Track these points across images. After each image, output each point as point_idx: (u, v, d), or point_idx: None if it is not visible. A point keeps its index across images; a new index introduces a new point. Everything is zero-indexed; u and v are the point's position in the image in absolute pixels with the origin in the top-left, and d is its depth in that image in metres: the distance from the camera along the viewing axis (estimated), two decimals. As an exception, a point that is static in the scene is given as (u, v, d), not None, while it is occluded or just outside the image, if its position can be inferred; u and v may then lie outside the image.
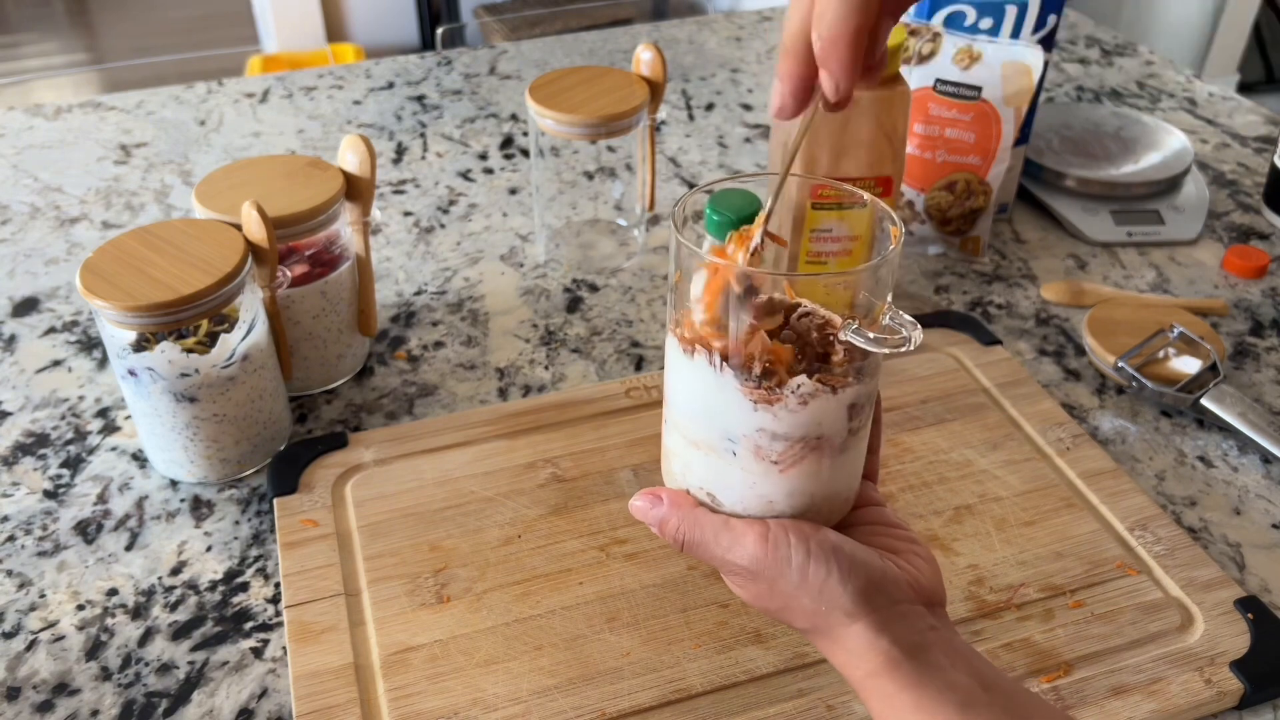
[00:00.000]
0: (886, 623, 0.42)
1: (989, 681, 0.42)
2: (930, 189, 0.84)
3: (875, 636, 0.42)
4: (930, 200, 0.85)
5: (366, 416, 0.72)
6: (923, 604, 0.43)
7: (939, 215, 0.85)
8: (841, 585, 0.42)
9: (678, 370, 0.44)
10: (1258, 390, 0.74)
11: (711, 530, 0.44)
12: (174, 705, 0.53)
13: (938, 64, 0.81)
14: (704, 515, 0.44)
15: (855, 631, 0.42)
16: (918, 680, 0.41)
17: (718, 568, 0.45)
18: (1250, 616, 0.56)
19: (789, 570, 0.42)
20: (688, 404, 0.44)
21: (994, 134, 0.81)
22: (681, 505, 0.45)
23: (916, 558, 0.45)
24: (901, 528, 0.47)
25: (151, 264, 0.60)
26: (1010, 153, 0.82)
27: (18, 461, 0.68)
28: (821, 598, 0.42)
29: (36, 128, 1.09)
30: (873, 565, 0.43)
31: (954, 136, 0.83)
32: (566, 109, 0.78)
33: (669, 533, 0.45)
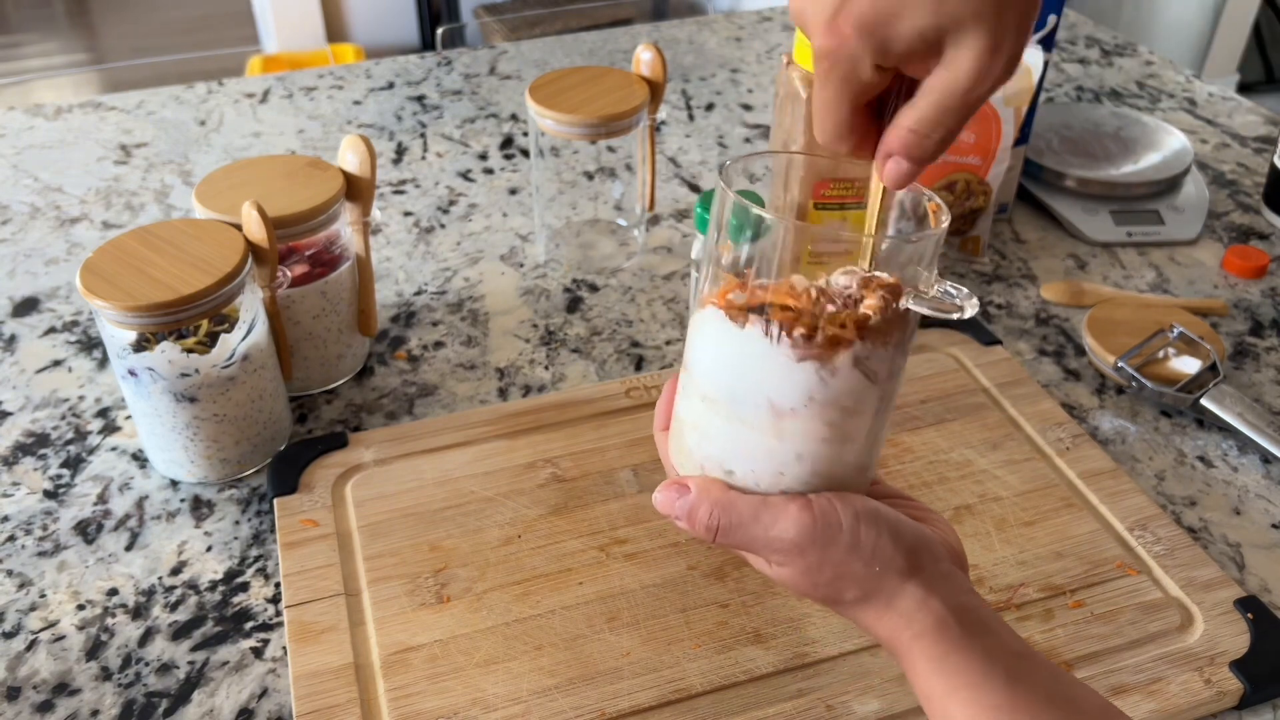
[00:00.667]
0: (934, 582, 0.42)
1: (1026, 650, 0.42)
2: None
3: (926, 596, 0.41)
4: (932, 202, 0.84)
5: (366, 416, 0.72)
6: (957, 566, 0.44)
7: None
8: (894, 545, 0.41)
9: (718, 341, 0.43)
10: (1257, 390, 0.74)
11: (750, 511, 0.42)
12: (174, 705, 0.54)
13: None
14: (738, 497, 0.43)
15: (908, 591, 0.41)
16: (965, 642, 0.40)
17: (756, 551, 0.43)
18: (1250, 616, 0.56)
19: (841, 535, 0.41)
20: (724, 374, 0.43)
21: (994, 134, 0.81)
22: (711, 490, 0.43)
23: (938, 522, 0.45)
24: (911, 499, 0.47)
25: (152, 264, 0.60)
26: (1010, 153, 0.82)
27: (18, 461, 0.68)
28: (876, 558, 0.41)
29: (37, 128, 1.09)
30: (912, 526, 0.43)
31: None
32: (566, 109, 0.78)
33: (700, 520, 0.43)
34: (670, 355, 0.77)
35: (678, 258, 0.88)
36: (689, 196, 0.97)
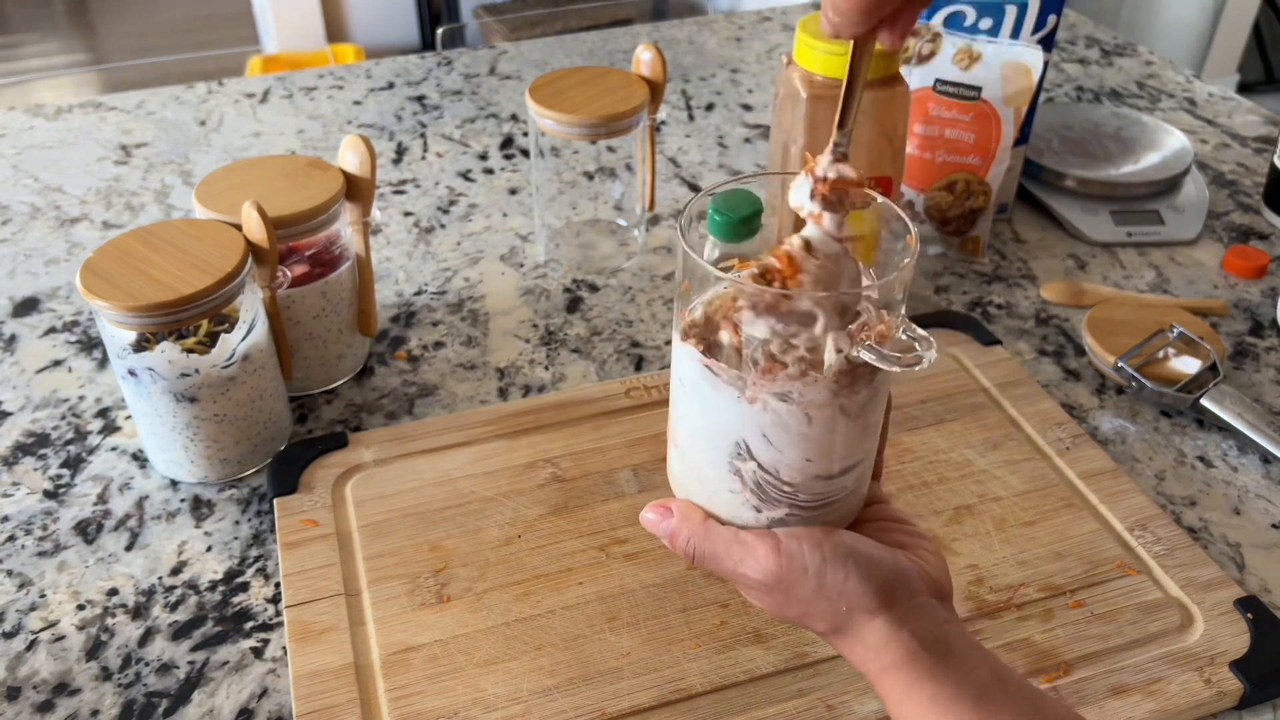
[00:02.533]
0: (906, 616, 0.42)
1: (1002, 675, 0.42)
2: (930, 189, 0.84)
3: (895, 630, 0.42)
4: (930, 200, 0.85)
5: (366, 416, 0.72)
6: (935, 597, 0.44)
7: (939, 215, 0.85)
8: (862, 585, 0.42)
9: (689, 378, 0.43)
10: (1257, 390, 0.74)
11: (723, 544, 0.43)
12: (174, 705, 0.54)
13: (937, 64, 0.82)
14: (714, 528, 0.44)
15: (876, 626, 0.42)
16: (936, 672, 0.41)
17: (728, 580, 0.45)
18: (1250, 616, 0.56)
19: (805, 579, 0.42)
20: (695, 408, 0.43)
21: (994, 134, 0.82)
22: (691, 518, 0.45)
23: (926, 551, 0.45)
24: (908, 522, 0.47)
25: (152, 264, 0.60)
26: (1010, 153, 0.82)
27: (18, 461, 0.68)
28: (842, 598, 0.42)
29: (37, 128, 1.09)
30: (888, 561, 0.43)
31: (954, 137, 0.83)
32: (566, 109, 0.78)
33: (679, 546, 0.45)
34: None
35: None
36: (689, 196, 0.97)
